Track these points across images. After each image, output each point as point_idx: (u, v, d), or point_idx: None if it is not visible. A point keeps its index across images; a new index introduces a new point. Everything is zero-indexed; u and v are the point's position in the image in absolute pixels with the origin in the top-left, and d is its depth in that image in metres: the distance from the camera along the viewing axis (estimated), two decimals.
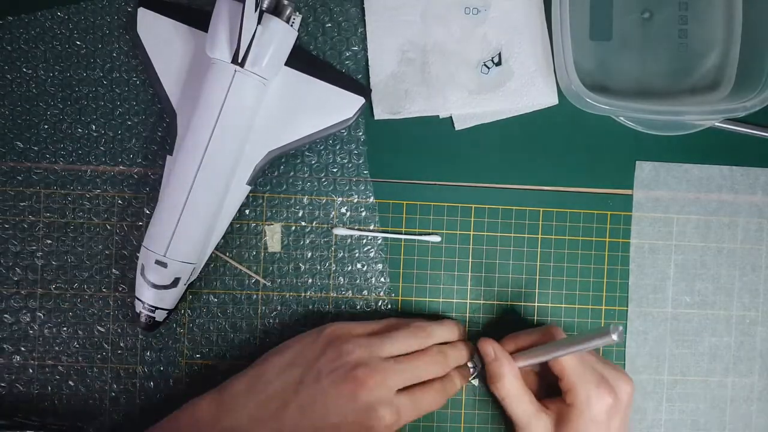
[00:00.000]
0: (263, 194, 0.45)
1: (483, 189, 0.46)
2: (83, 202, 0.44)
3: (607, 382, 0.40)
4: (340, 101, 0.43)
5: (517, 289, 0.46)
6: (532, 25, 0.45)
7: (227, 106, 0.39)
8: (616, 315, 0.47)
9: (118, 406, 0.44)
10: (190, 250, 0.41)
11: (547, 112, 0.46)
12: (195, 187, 0.40)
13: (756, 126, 0.47)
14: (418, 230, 0.46)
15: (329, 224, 0.45)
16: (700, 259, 0.47)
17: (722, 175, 0.47)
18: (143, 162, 0.44)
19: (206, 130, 0.39)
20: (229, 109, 0.39)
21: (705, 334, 0.47)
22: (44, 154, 0.44)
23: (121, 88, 0.44)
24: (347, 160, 0.45)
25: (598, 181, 0.47)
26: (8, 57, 0.44)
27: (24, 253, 0.44)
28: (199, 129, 0.40)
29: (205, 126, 0.39)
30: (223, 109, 0.39)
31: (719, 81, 0.47)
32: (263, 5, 0.40)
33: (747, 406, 0.48)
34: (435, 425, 0.46)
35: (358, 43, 0.45)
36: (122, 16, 0.44)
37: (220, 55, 0.39)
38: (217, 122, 0.39)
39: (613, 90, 0.46)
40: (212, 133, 0.39)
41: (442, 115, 0.45)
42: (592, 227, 0.47)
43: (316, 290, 0.45)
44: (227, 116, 0.39)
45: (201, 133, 0.40)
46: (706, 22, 0.47)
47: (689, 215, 0.47)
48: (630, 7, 0.46)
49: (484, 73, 0.45)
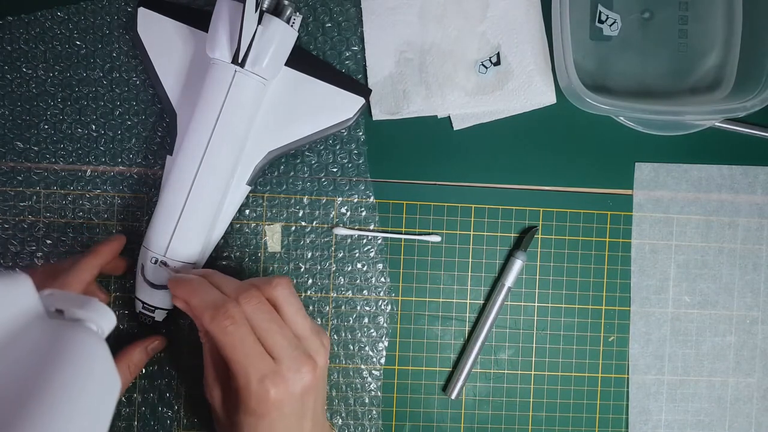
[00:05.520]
0: (263, 194, 0.45)
1: (483, 189, 0.46)
2: (83, 202, 0.44)
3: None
4: (340, 101, 0.43)
5: (517, 289, 0.46)
6: (530, 23, 0.45)
7: (227, 106, 0.39)
8: (616, 315, 0.47)
9: (119, 405, 0.44)
10: (190, 250, 0.41)
11: (547, 112, 0.46)
12: (195, 187, 0.40)
13: (756, 126, 0.47)
14: (418, 230, 0.46)
15: (329, 224, 0.45)
16: (701, 259, 0.47)
17: (722, 174, 0.47)
18: (143, 162, 0.44)
19: (206, 130, 0.39)
20: (229, 109, 0.39)
21: (707, 334, 0.47)
22: (44, 154, 0.44)
23: (121, 88, 0.44)
24: (347, 160, 0.45)
25: (598, 181, 0.47)
26: (8, 57, 0.44)
27: (24, 253, 0.44)
28: (199, 129, 0.40)
29: (205, 126, 0.39)
30: (223, 109, 0.39)
31: (719, 81, 0.47)
32: (263, 5, 0.40)
33: (750, 406, 0.47)
34: (435, 425, 0.46)
35: (357, 43, 0.45)
36: (122, 16, 0.44)
37: (220, 55, 0.39)
38: (217, 122, 0.39)
39: (613, 90, 0.46)
40: (212, 133, 0.39)
41: (440, 115, 0.45)
42: (592, 227, 0.47)
43: (316, 290, 0.45)
44: (227, 116, 0.39)
45: (201, 133, 0.39)
46: (706, 22, 0.47)
47: (689, 215, 0.47)
48: (630, 7, 0.46)
49: (482, 72, 0.45)
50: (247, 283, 0.37)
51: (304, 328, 0.37)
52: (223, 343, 0.34)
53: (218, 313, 0.34)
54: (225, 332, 0.34)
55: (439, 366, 0.46)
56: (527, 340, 0.46)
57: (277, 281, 0.37)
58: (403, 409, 0.46)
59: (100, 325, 0.28)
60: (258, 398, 0.34)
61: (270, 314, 0.36)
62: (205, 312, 0.35)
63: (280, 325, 0.36)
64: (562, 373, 0.46)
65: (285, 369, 0.35)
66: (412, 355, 0.46)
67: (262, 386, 0.34)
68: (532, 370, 0.46)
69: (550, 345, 0.46)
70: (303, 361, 0.35)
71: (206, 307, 0.35)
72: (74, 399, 0.23)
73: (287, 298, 0.37)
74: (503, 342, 0.46)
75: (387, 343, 0.45)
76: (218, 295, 0.36)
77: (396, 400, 0.46)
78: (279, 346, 0.35)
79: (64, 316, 0.27)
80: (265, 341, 0.35)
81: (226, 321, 0.34)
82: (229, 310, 0.34)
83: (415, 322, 0.46)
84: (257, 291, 0.36)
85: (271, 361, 0.35)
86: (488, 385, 0.46)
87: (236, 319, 0.34)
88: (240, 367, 0.34)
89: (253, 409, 0.34)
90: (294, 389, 0.35)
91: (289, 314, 0.37)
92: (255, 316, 0.35)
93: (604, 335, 0.47)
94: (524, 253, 0.45)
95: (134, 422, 0.44)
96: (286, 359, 0.35)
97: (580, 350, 0.47)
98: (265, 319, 0.35)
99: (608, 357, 0.47)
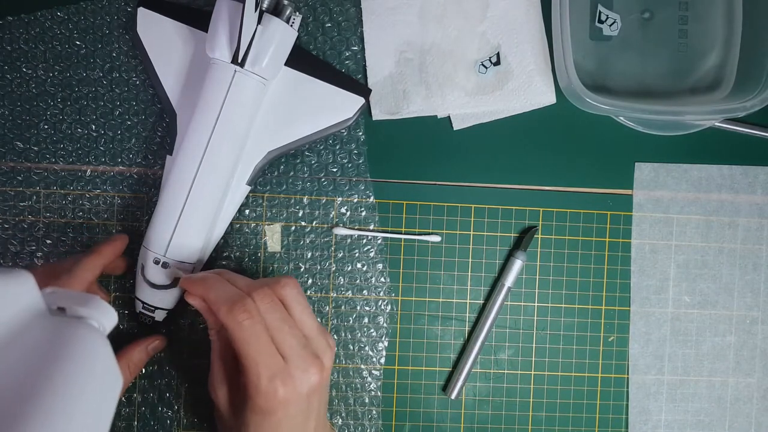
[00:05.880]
0: (263, 194, 0.45)
1: (483, 189, 0.46)
2: (83, 202, 0.44)
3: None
4: (340, 101, 0.43)
5: (517, 289, 0.46)
6: (530, 23, 0.45)
7: (227, 106, 0.39)
8: (616, 315, 0.47)
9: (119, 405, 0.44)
10: (190, 250, 0.41)
11: (547, 112, 0.46)
12: (195, 187, 0.40)
13: (756, 126, 0.47)
14: (418, 230, 0.46)
15: (329, 224, 0.45)
16: (701, 259, 0.47)
17: (722, 174, 0.47)
18: (143, 162, 0.44)
19: (206, 130, 0.39)
20: (229, 109, 0.39)
21: (707, 334, 0.47)
22: (44, 154, 0.44)
23: (121, 88, 0.44)
24: (347, 160, 0.45)
25: (598, 181, 0.47)
26: (8, 57, 0.44)
27: (24, 253, 0.44)
28: (199, 129, 0.40)
29: (205, 126, 0.39)
30: (223, 109, 0.39)
31: (719, 81, 0.47)
32: (263, 5, 0.40)
33: (750, 406, 0.47)
34: (435, 425, 0.46)
35: (357, 43, 0.45)
36: (122, 16, 0.44)
37: (220, 55, 0.39)
38: (217, 122, 0.39)
39: (613, 90, 0.46)
40: (212, 133, 0.39)
41: (440, 115, 0.45)
42: (592, 227, 0.47)
43: (316, 290, 0.45)
44: (227, 116, 0.39)
45: (201, 133, 0.39)
46: (706, 22, 0.47)
47: (689, 215, 0.47)
48: (630, 7, 0.46)
49: (482, 72, 0.45)
50: (260, 282, 0.37)
51: (312, 328, 0.37)
52: (238, 338, 0.34)
53: (235, 306, 0.35)
54: (241, 327, 0.34)
55: (439, 366, 0.46)
56: (527, 340, 0.46)
57: (285, 281, 0.37)
58: (403, 409, 0.46)
59: (102, 322, 0.28)
60: (266, 396, 0.34)
61: (282, 313, 0.36)
62: (222, 305, 0.35)
63: (291, 325, 0.36)
64: (562, 373, 0.46)
65: (294, 368, 0.35)
66: (412, 355, 0.46)
67: (272, 385, 0.34)
68: (532, 370, 0.46)
69: (550, 345, 0.46)
70: (311, 362, 0.36)
71: (223, 301, 0.35)
72: (77, 396, 0.23)
73: (296, 297, 0.37)
74: (503, 342, 0.46)
75: (387, 343, 0.45)
76: (234, 290, 0.36)
77: (396, 400, 0.46)
78: (289, 346, 0.35)
79: (66, 313, 0.27)
80: (276, 340, 0.35)
81: (242, 314, 0.34)
82: (247, 304, 0.35)
83: (415, 322, 0.46)
84: (270, 289, 0.36)
85: (281, 360, 0.35)
86: (488, 385, 0.46)
87: (252, 315, 0.35)
88: (252, 363, 0.34)
89: (261, 407, 0.35)
90: (301, 389, 0.35)
91: (297, 314, 0.37)
92: (268, 315, 0.35)
93: (604, 335, 0.47)
94: (524, 253, 0.45)
95: (134, 422, 0.44)
96: (296, 359, 0.35)
97: (580, 350, 0.47)
98: (277, 318, 0.35)
99: (608, 357, 0.47)
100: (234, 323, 0.34)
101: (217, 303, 0.35)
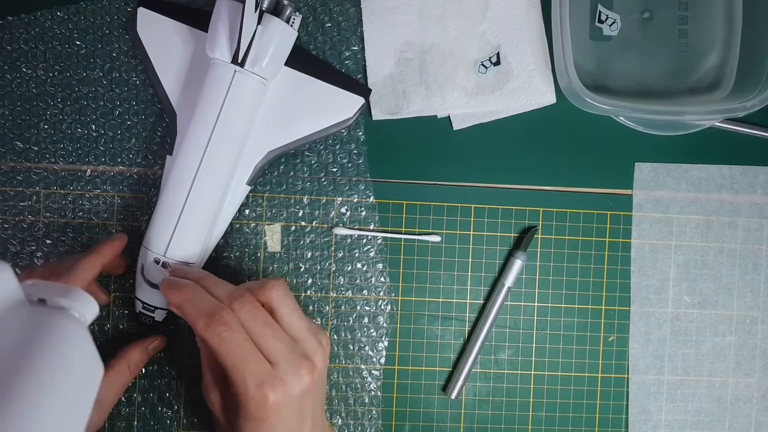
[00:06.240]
0: (263, 194, 0.45)
1: (483, 189, 0.46)
2: (83, 202, 0.44)
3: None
4: (339, 101, 0.43)
5: (517, 289, 0.46)
6: (530, 23, 0.45)
7: (227, 106, 0.39)
8: (616, 315, 0.47)
9: (119, 405, 0.44)
10: (190, 249, 0.41)
11: (547, 112, 0.46)
12: (195, 187, 0.40)
13: (756, 126, 0.47)
14: (418, 230, 0.46)
15: (329, 224, 0.45)
16: (701, 259, 0.47)
17: (722, 174, 0.47)
18: (143, 162, 0.44)
19: (206, 130, 0.39)
20: (229, 109, 0.39)
21: (707, 334, 0.47)
22: (44, 154, 0.44)
23: (121, 88, 0.44)
24: (347, 160, 0.45)
25: (598, 181, 0.47)
26: (8, 57, 0.44)
27: (24, 253, 0.44)
28: (199, 129, 0.40)
29: (205, 126, 0.39)
30: (223, 109, 0.39)
31: (719, 81, 0.47)
32: (263, 5, 0.40)
33: (750, 406, 0.47)
34: (435, 425, 0.46)
35: (357, 43, 0.45)
36: (122, 16, 0.44)
37: (220, 55, 0.39)
38: (217, 122, 0.39)
39: (613, 90, 0.46)
40: (212, 133, 0.39)
41: (440, 115, 0.45)
42: (592, 227, 0.47)
43: (316, 290, 0.45)
44: (227, 116, 0.39)
45: (201, 133, 0.39)
46: (706, 22, 0.47)
47: (689, 215, 0.47)
48: (630, 7, 0.46)
49: (482, 72, 0.45)
50: (241, 288, 0.37)
51: (300, 329, 0.37)
52: (219, 350, 0.34)
53: (212, 320, 0.34)
54: (220, 339, 0.34)
55: (439, 366, 0.46)
56: (527, 340, 0.46)
57: (271, 284, 0.36)
58: (403, 409, 0.46)
59: (83, 312, 0.28)
60: (257, 403, 0.34)
61: (264, 318, 0.35)
62: (199, 319, 0.34)
63: (274, 329, 0.35)
64: (562, 373, 0.46)
65: (282, 372, 0.34)
66: (412, 355, 0.46)
67: (260, 391, 0.34)
68: (532, 370, 0.46)
69: (550, 345, 0.46)
70: (300, 364, 0.35)
71: (200, 314, 0.34)
72: (55, 385, 0.23)
73: (282, 299, 0.36)
74: (503, 342, 0.46)
75: (387, 343, 0.45)
76: (211, 301, 0.35)
77: (396, 400, 0.46)
78: (275, 350, 0.35)
79: (47, 304, 0.27)
80: (261, 346, 0.35)
81: (220, 328, 0.34)
82: (224, 317, 0.34)
83: (415, 322, 0.46)
84: (251, 296, 0.36)
85: (269, 366, 0.34)
86: (488, 385, 0.46)
87: (231, 326, 0.34)
88: (237, 372, 0.34)
89: (252, 414, 0.34)
90: (293, 392, 0.35)
91: (285, 316, 0.36)
92: (249, 322, 0.35)
93: (604, 335, 0.47)
94: (524, 253, 0.45)
95: (134, 422, 0.44)
96: (283, 362, 0.35)
97: (580, 350, 0.47)
98: (259, 323, 0.35)
99: (608, 357, 0.47)
100: (213, 337, 0.34)
101: (193, 317, 0.35)
